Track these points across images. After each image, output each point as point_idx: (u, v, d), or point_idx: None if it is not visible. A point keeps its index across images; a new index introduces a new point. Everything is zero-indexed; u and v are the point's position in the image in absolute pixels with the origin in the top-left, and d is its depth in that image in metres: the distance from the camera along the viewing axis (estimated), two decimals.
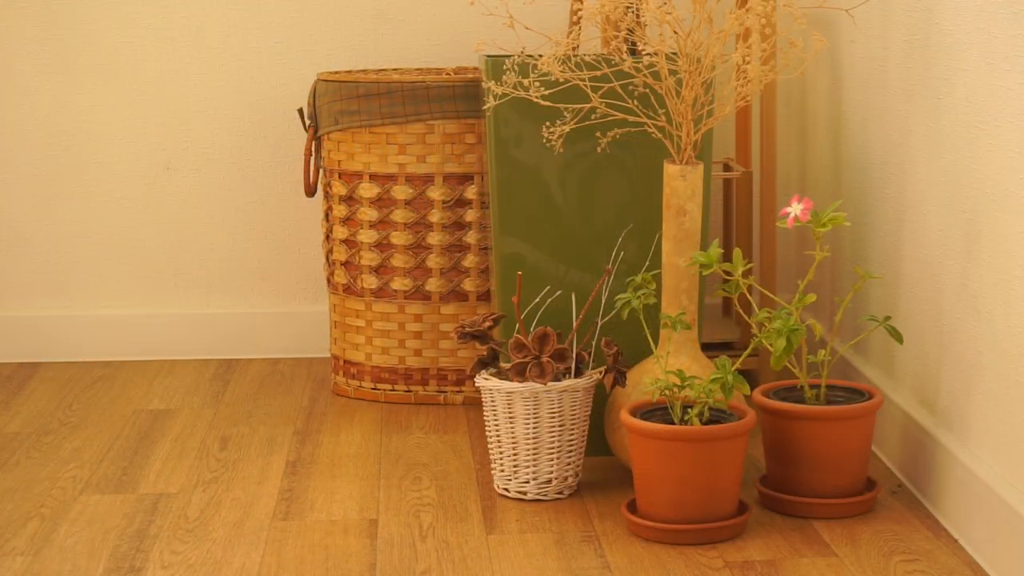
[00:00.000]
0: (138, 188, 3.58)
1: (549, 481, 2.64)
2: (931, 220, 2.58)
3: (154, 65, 3.54)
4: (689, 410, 2.48)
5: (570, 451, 2.65)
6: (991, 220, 2.33)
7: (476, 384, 2.71)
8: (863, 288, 2.93)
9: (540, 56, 2.65)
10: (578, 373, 2.66)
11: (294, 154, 3.58)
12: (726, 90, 2.64)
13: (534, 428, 2.62)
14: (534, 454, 2.63)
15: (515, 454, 2.64)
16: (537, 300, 2.80)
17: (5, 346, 3.59)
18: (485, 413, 2.67)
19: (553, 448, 2.63)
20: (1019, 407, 2.24)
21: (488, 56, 2.80)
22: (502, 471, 2.66)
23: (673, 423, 2.48)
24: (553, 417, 2.62)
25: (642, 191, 2.79)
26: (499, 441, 2.65)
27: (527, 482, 2.64)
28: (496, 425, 2.65)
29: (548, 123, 2.73)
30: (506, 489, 2.66)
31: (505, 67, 2.70)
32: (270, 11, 3.54)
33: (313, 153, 3.29)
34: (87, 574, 2.35)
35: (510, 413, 2.63)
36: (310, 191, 3.29)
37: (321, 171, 3.31)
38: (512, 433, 2.63)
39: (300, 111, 3.30)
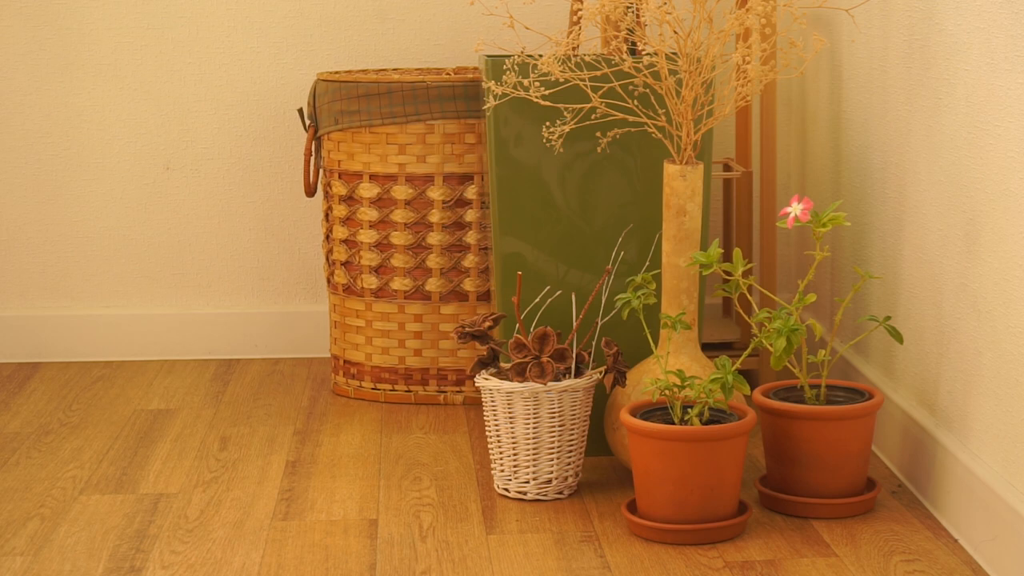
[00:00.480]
0: (138, 188, 3.58)
1: (549, 481, 2.64)
2: (931, 220, 2.58)
3: (154, 65, 3.54)
4: (689, 410, 2.48)
5: (570, 451, 2.64)
6: (991, 220, 2.33)
7: (476, 384, 2.71)
8: (863, 288, 2.93)
9: (540, 56, 2.65)
10: (578, 373, 2.66)
11: (294, 154, 3.58)
12: (726, 90, 2.64)
13: (534, 428, 2.62)
14: (534, 454, 2.63)
15: (515, 454, 2.64)
16: (537, 300, 2.80)
17: (5, 346, 3.59)
18: (485, 413, 2.67)
19: (553, 448, 2.63)
20: (1019, 407, 2.24)
21: (488, 56, 2.80)
22: (502, 471, 2.66)
23: (673, 423, 2.48)
24: (553, 417, 2.62)
25: (642, 191, 2.79)
26: (499, 441, 2.65)
27: (527, 482, 2.64)
28: (496, 425, 2.65)
29: (548, 123, 2.73)
30: (506, 489, 2.66)
31: (505, 67, 2.70)
32: (269, 11, 3.54)
33: (313, 153, 3.29)
34: (87, 574, 2.35)
35: (510, 413, 2.62)
36: (310, 191, 3.29)
37: (321, 171, 3.31)
38: (512, 433, 2.63)
39: (300, 111, 3.30)
